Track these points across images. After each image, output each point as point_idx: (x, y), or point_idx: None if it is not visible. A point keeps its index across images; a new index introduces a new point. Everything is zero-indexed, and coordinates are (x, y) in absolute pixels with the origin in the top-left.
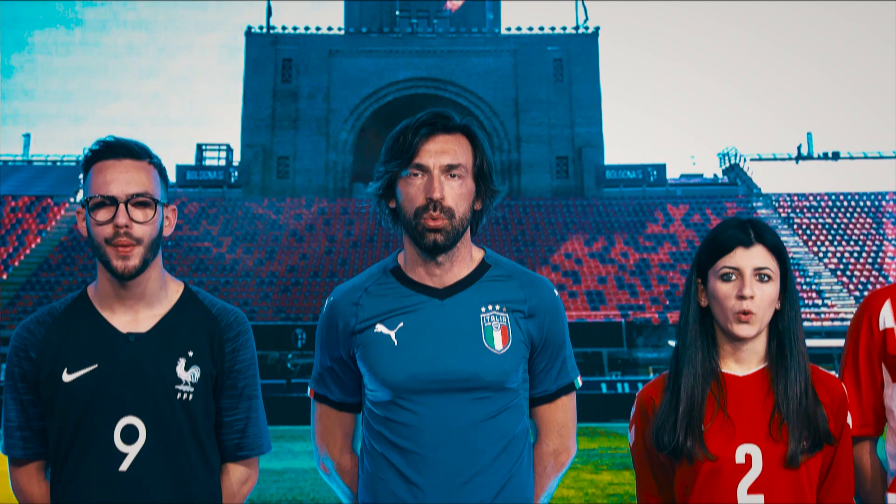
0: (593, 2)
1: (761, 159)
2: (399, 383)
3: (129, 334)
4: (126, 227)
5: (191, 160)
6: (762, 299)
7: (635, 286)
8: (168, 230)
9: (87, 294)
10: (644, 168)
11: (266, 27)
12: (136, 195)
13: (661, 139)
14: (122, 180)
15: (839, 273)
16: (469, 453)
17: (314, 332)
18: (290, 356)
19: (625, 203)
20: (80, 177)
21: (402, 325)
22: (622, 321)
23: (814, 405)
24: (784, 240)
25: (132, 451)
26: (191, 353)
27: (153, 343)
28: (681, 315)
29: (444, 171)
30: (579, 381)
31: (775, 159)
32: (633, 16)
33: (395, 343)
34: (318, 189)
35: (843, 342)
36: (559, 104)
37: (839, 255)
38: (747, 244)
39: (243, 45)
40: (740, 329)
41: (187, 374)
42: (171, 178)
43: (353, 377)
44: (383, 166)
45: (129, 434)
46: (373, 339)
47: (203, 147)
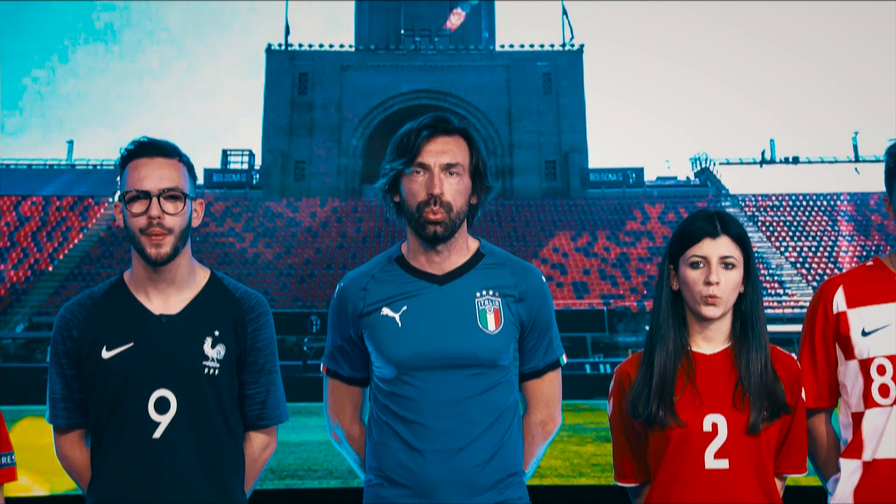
0: (578, 19)
1: (729, 163)
2: (403, 361)
3: (161, 316)
4: (158, 218)
5: (217, 164)
6: (727, 284)
7: (616, 277)
8: (196, 221)
9: (124, 279)
10: (624, 171)
11: (284, 45)
12: (168, 189)
13: (639, 145)
14: (155, 176)
15: (799, 265)
16: (465, 423)
17: (327, 317)
18: (306, 340)
19: (607, 203)
20: (118, 177)
21: (405, 308)
22: (604, 309)
23: (773, 379)
24: (749, 236)
25: (164, 420)
26: (217, 333)
27: (183, 323)
28: (655, 298)
29: (443, 169)
30: (564, 359)
31: (742, 163)
32: (616, 33)
33: (400, 325)
34: (330, 190)
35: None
36: (548, 113)
37: (798, 249)
38: (714, 235)
39: (264, 62)
40: (707, 310)
41: (214, 352)
42: (199, 181)
43: (361, 355)
44: (389, 164)
45: (162, 405)
46: (379, 321)
47: (228, 152)
